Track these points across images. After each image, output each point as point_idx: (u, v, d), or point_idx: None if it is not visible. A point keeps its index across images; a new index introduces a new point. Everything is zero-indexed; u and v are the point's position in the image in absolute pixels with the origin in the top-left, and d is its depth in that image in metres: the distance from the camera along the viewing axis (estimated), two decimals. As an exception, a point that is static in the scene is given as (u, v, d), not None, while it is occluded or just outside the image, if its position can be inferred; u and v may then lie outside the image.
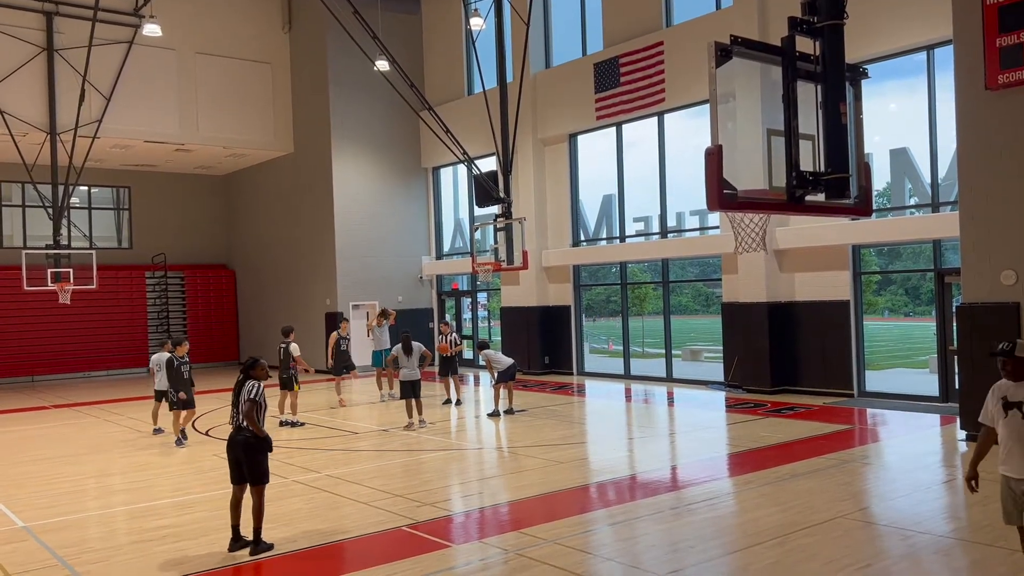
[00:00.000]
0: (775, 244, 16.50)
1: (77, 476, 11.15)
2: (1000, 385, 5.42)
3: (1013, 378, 5.30)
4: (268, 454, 7.50)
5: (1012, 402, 5.28)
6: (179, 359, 13.20)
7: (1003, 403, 5.33)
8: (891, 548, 7.00)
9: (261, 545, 7.31)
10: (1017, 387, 5.29)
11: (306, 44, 25.04)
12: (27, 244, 25.04)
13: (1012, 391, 5.30)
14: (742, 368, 17.14)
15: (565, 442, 12.42)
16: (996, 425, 5.38)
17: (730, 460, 11.01)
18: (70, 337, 26.02)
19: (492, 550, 7.23)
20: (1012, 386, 5.31)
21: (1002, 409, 5.33)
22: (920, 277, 19.93)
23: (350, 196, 24.34)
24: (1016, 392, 5.29)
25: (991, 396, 5.43)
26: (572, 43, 21.82)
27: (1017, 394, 5.28)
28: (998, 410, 5.35)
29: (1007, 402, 5.31)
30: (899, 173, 15.47)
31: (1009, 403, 5.30)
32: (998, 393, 5.39)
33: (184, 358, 13.28)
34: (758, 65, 5.21)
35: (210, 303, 29.15)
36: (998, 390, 5.41)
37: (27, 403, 19.95)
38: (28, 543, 7.90)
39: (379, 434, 13.66)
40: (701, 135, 17.08)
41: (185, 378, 13.09)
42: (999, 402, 5.35)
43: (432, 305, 26.13)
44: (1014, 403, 5.28)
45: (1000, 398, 5.35)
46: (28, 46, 21.66)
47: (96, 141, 22.36)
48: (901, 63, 15.32)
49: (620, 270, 20.99)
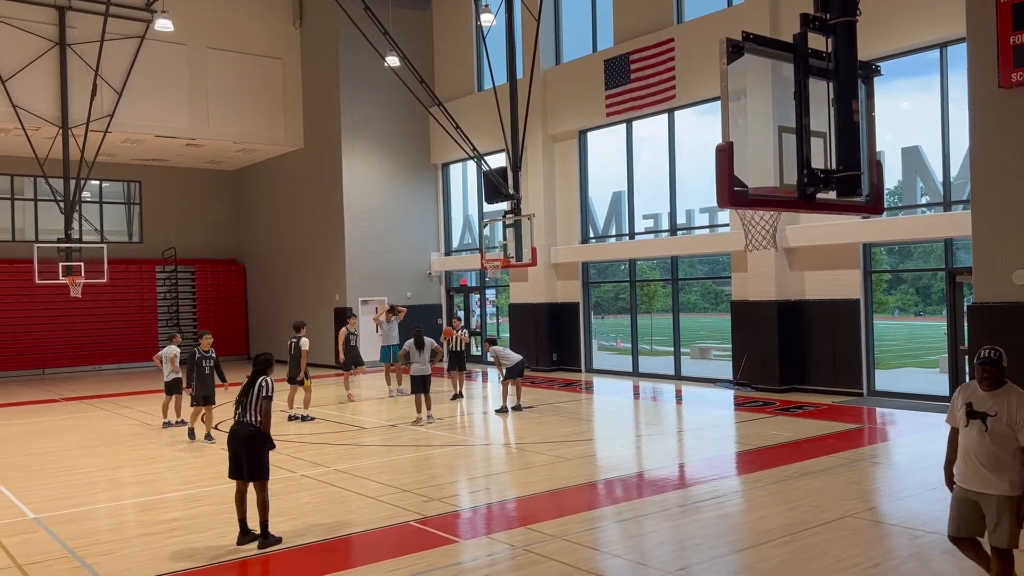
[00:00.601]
0: (785, 242, 16.44)
1: (87, 468, 11.22)
2: (968, 388, 5.22)
3: (989, 387, 5.06)
4: (269, 450, 7.50)
5: (977, 411, 5.05)
6: (202, 353, 13.06)
7: (967, 409, 5.11)
8: (900, 548, 6.98)
9: (269, 539, 7.34)
10: (987, 397, 5.06)
11: (317, 40, 25.07)
12: (39, 238, 25.16)
13: (980, 400, 5.07)
14: (751, 366, 17.10)
15: (573, 439, 12.42)
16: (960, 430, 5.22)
17: (738, 458, 10.99)
18: (81, 330, 26.16)
19: (499, 546, 7.24)
20: (981, 395, 5.08)
21: (965, 416, 5.12)
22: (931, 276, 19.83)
23: (360, 191, 24.37)
24: (984, 402, 5.05)
25: (958, 397, 5.25)
26: (583, 39, 21.78)
27: (983, 404, 5.05)
28: (961, 417, 5.16)
29: (972, 410, 5.08)
30: (911, 171, 15.39)
31: (974, 412, 5.07)
32: (964, 396, 5.20)
33: (208, 352, 13.10)
34: (770, 62, 5.19)
35: (220, 297, 29.26)
36: (964, 393, 5.21)
37: (38, 396, 20.07)
38: (39, 534, 7.95)
39: (387, 429, 13.68)
40: (712, 132, 17.03)
41: (207, 373, 12.93)
42: (963, 407, 5.15)
43: (441, 301, 26.16)
44: (979, 413, 5.05)
45: (965, 403, 5.14)
46: (41, 40, 21.76)
47: (107, 135, 22.47)
48: (914, 61, 15.23)
49: (629, 267, 20.96)
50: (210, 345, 13.23)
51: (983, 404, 5.04)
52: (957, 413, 5.21)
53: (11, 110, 21.25)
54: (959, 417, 5.18)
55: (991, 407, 5.00)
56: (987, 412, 5.00)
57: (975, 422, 5.04)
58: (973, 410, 5.06)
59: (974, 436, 5.04)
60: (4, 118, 21.33)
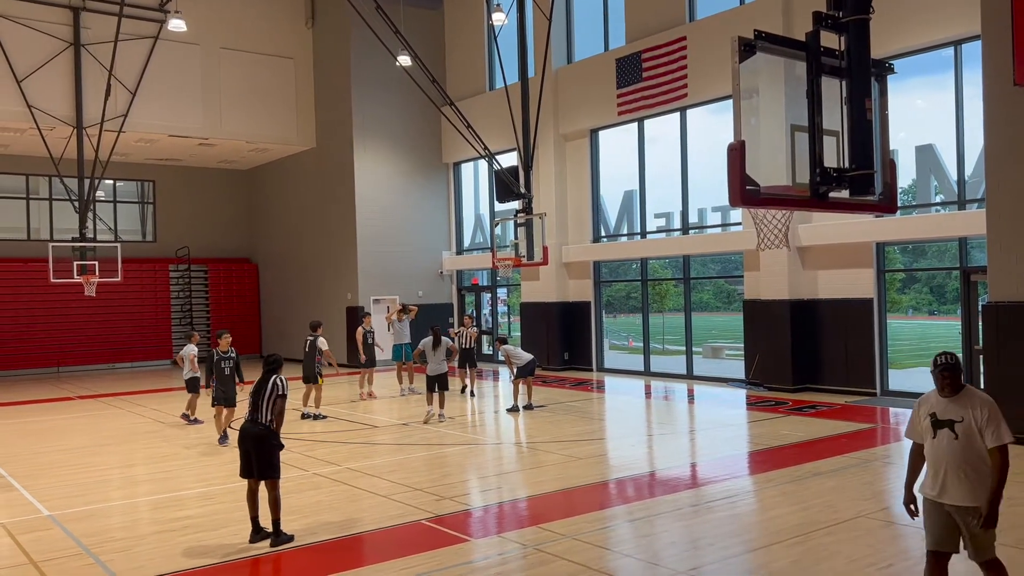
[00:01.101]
0: (798, 241, 16.37)
1: (101, 466, 11.30)
2: (928, 399, 5.01)
3: (950, 393, 4.87)
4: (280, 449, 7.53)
5: (942, 420, 4.86)
6: (220, 354, 12.89)
7: (932, 420, 4.90)
8: (913, 548, 6.93)
9: (281, 537, 7.37)
10: (948, 404, 4.88)
11: (329, 39, 25.14)
12: (54, 237, 25.36)
13: (942, 408, 4.89)
14: (763, 366, 17.03)
15: (584, 438, 12.41)
16: (924, 442, 5.00)
17: (751, 458, 10.95)
18: (95, 329, 26.34)
19: (511, 545, 7.24)
20: (943, 403, 4.90)
21: (931, 427, 4.91)
22: (945, 275, 19.68)
23: (371, 191, 24.43)
24: (947, 410, 4.87)
25: (918, 410, 5.04)
26: (594, 38, 21.76)
27: (948, 412, 4.87)
28: (927, 428, 4.94)
29: (937, 420, 4.88)
30: (925, 170, 15.29)
31: (939, 421, 4.87)
32: (926, 408, 4.99)
33: (228, 352, 12.92)
34: (782, 60, 5.16)
35: (232, 296, 29.40)
36: (926, 404, 5.00)
37: (53, 394, 20.22)
38: (53, 531, 8.02)
39: (399, 428, 13.71)
40: (724, 131, 16.97)
41: (227, 375, 12.81)
42: (927, 418, 4.93)
43: (452, 300, 26.19)
44: (944, 421, 4.86)
45: (928, 414, 4.94)
46: (55, 41, 21.91)
47: (121, 135, 22.60)
48: (928, 59, 15.13)
49: (641, 266, 20.92)
50: (229, 345, 13.05)
51: (947, 411, 4.87)
52: (920, 426, 5.01)
53: (26, 110, 21.41)
54: (923, 430, 4.97)
55: (956, 413, 4.84)
56: (953, 419, 4.83)
57: (943, 431, 4.86)
58: (938, 419, 4.88)
59: (945, 446, 4.85)
60: (19, 118, 21.50)
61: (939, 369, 4.87)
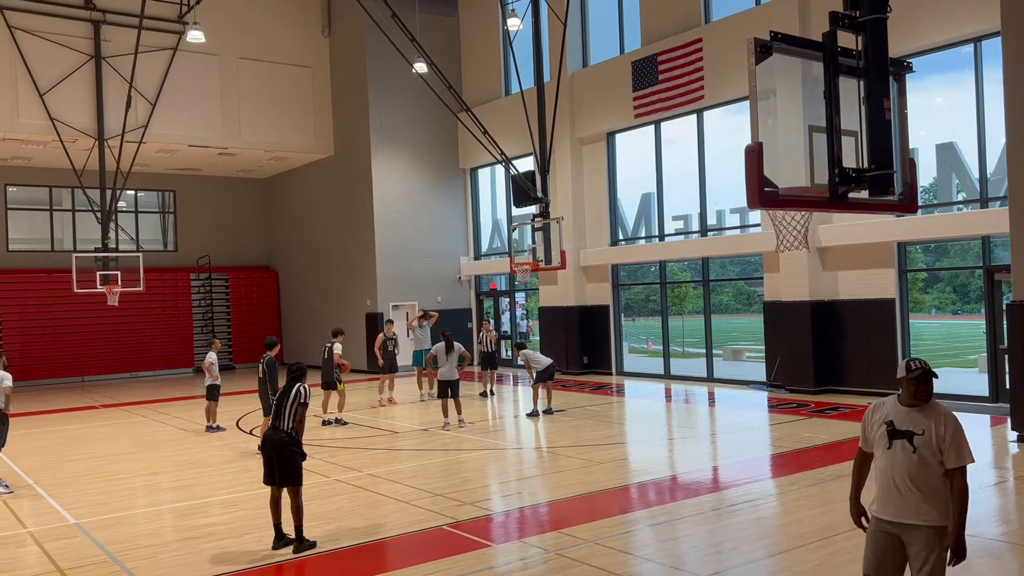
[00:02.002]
0: (818, 242, 16.26)
1: (126, 474, 11.41)
2: (884, 406, 4.59)
3: (923, 402, 4.47)
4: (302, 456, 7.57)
5: (900, 430, 4.44)
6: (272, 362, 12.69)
7: (888, 429, 4.47)
8: (939, 551, 6.86)
9: (304, 543, 7.41)
10: (909, 414, 4.47)
11: (345, 48, 25.30)
12: (77, 248, 25.67)
13: (902, 417, 4.47)
14: (785, 368, 16.92)
15: (604, 442, 12.38)
16: (875, 453, 4.59)
17: (773, 461, 10.88)
18: (118, 338, 26.61)
19: (532, 550, 7.24)
20: (903, 412, 4.48)
21: (886, 436, 4.48)
22: (968, 274, 19.48)
23: (389, 197, 24.54)
24: (907, 420, 4.46)
25: (872, 418, 4.61)
26: (610, 42, 21.75)
27: (908, 422, 4.45)
28: (881, 437, 4.51)
29: (894, 429, 4.46)
30: (946, 168, 15.15)
31: (897, 431, 4.45)
32: (881, 415, 4.56)
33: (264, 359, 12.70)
34: (799, 61, 5.14)
35: (253, 304, 29.60)
36: (881, 411, 4.58)
37: (78, 403, 20.45)
38: (80, 539, 8.10)
39: (419, 433, 13.75)
40: (741, 132, 16.91)
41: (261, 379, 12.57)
42: (882, 426, 4.51)
43: (471, 305, 26.23)
44: (903, 432, 4.43)
45: (884, 421, 4.51)
46: (77, 54, 22.20)
47: (142, 146, 22.85)
48: (947, 56, 15.00)
49: (659, 269, 20.86)
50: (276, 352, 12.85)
51: (907, 422, 4.45)
52: (873, 435, 4.58)
53: (49, 123, 21.70)
54: (877, 439, 4.54)
55: (917, 425, 4.43)
56: (913, 431, 4.42)
57: (899, 442, 4.44)
58: (896, 429, 4.46)
59: (899, 458, 4.43)
60: (42, 131, 21.80)
61: (915, 376, 4.45)
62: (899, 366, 4.56)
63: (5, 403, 10.31)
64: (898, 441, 4.44)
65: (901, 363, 4.55)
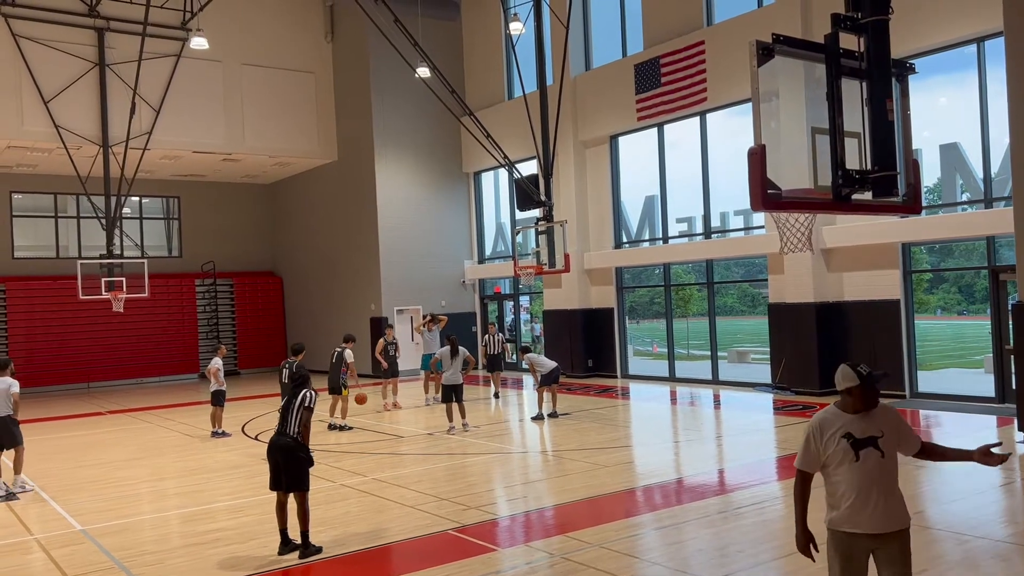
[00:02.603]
0: (822, 243, 16.24)
1: (132, 480, 11.42)
2: (831, 420, 4.34)
3: (869, 407, 4.32)
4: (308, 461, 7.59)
5: (863, 439, 4.25)
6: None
7: (851, 441, 4.25)
8: (947, 553, 6.84)
9: (310, 548, 7.41)
10: (861, 421, 4.30)
11: (348, 53, 25.36)
12: (82, 254, 25.73)
13: (858, 426, 4.28)
14: (790, 369, 16.90)
15: (610, 446, 12.37)
16: (830, 469, 4.33)
17: (779, 463, 10.86)
18: (123, 344, 26.68)
19: (538, 554, 7.23)
20: (854, 420, 4.30)
21: (850, 449, 4.25)
22: (974, 275, 19.43)
23: (393, 202, 24.57)
24: (864, 427, 4.29)
25: (821, 434, 4.32)
26: (612, 45, 21.77)
27: (866, 428, 4.28)
28: (844, 451, 4.26)
29: (857, 440, 4.25)
30: (950, 169, 15.13)
31: (861, 441, 4.25)
32: (834, 430, 4.30)
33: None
34: (801, 63, 5.14)
35: (258, 309, 29.65)
36: (832, 426, 4.32)
37: (83, 409, 20.49)
38: (86, 545, 8.12)
39: (424, 438, 13.75)
40: (744, 134, 16.91)
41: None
42: (841, 440, 4.27)
43: (475, 309, 26.23)
44: (866, 440, 4.26)
45: (842, 435, 4.28)
46: (81, 62, 22.29)
47: (146, 152, 22.93)
48: (951, 56, 14.98)
49: (663, 272, 20.85)
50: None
51: (866, 429, 4.29)
52: (829, 453, 4.30)
53: (54, 130, 21.78)
54: (836, 455, 4.29)
55: (875, 429, 4.30)
56: (875, 435, 4.28)
57: (867, 451, 4.25)
58: (859, 439, 4.26)
59: (872, 467, 4.25)
60: (47, 138, 21.88)
61: (869, 383, 4.28)
62: (842, 375, 4.35)
63: (15, 410, 10.63)
64: (865, 450, 4.26)
65: (845, 371, 4.35)
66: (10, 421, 10.67)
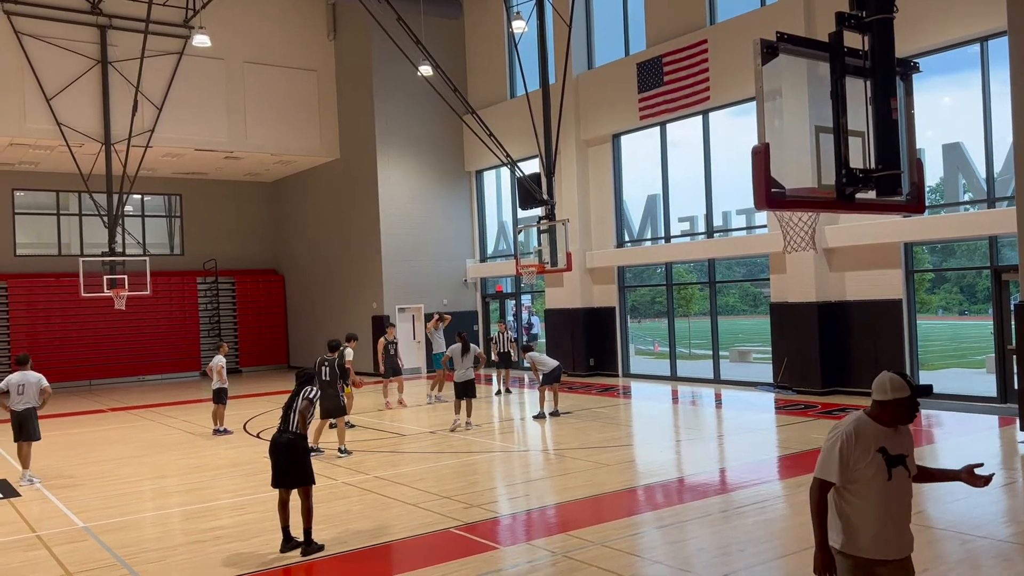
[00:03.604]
0: (825, 243, 16.23)
1: (134, 478, 11.43)
2: (866, 431, 3.93)
3: (903, 421, 3.97)
4: (311, 456, 7.63)
5: (895, 456, 3.90)
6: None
7: (885, 457, 3.88)
8: (949, 553, 6.84)
9: (312, 546, 7.41)
10: (893, 435, 3.95)
11: (351, 51, 25.35)
12: (84, 252, 25.73)
13: (890, 440, 3.92)
14: (791, 369, 16.89)
15: (611, 444, 12.37)
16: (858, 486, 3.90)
17: (780, 463, 10.86)
18: (125, 342, 26.69)
19: (540, 552, 7.23)
20: (887, 433, 3.93)
21: (884, 466, 3.87)
22: (976, 275, 19.40)
23: (395, 200, 24.57)
24: (897, 442, 3.94)
25: (854, 447, 3.89)
26: (615, 43, 21.75)
27: (899, 445, 3.94)
28: (877, 467, 3.87)
29: (890, 456, 3.89)
30: (952, 168, 15.11)
31: (893, 457, 3.89)
32: (868, 441, 3.89)
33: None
34: (805, 61, 5.13)
35: (260, 308, 29.66)
36: (865, 437, 3.90)
37: (85, 406, 20.51)
38: (88, 543, 8.12)
39: (426, 436, 13.75)
40: (747, 133, 16.90)
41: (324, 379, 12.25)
42: (876, 455, 3.88)
43: (477, 308, 26.23)
44: (897, 457, 3.90)
45: (878, 448, 3.88)
46: (83, 59, 22.29)
47: (148, 150, 22.92)
48: (954, 56, 14.96)
49: (665, 271, 20.83)
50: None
51: (898, 445, 3.95)
52: (860, 464, 3.88)
53: (56, 128, 21.78)
54: (869, 471, 3.88)
55: (904, 446, 3.99)
56: (904, 453, 3.96)
57: (898, 470, 3.92)
58: (891, 455, 3.90)
59: (902, 488, 3.93)
60: (49, 136, 21.88)
61: (912, 396, 3.91)
62: (891, 384, 3.91)
63: (43, 403, 11.28)
64: (897, 469, 3.91)
65: (895, 380, 3.91)
66: (35, 414, 11.12)
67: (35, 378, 11.18)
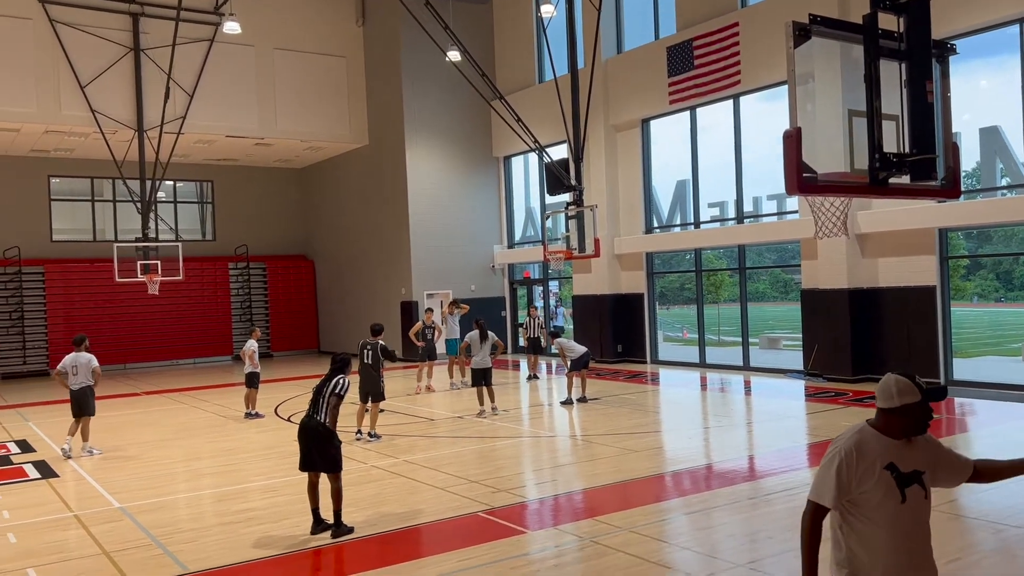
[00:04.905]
0: (857, 228, 16.01)
1: (168, 460, 11.64)
2: (870, 445, 3.28)
3: (915, 432, 3.33)
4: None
5: (908, 473, 3.27)
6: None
7: (895, 476, 3.25)
8: (982, 542, 6.76)
9: (342, 528, 7.51)
10: (905, 448, 3.32)
11: (379, 37, 25.38)
12: (118, 238, 26.14)
13: (900, 455, 3.29)
14: (822, 356, 16.72)
15: (639, 431, 12.35)
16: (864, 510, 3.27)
17: (810, 450, 10.78)
18: (159, 326, 27.09)
19: (567, 537, 7.26)
20: (897, 447, 3.30)
21: (895, 487, 3.24)
22: (1012, 261, 19.06)
23: (423, 186, 24.63)
24: (907, 458, 3.30)
25: (858, 461, 3.25)
26: (644, 27, 21.55)
27: (912, 460, 3.31)
28: (886, 488, 3.24)
29: (902, 474, 3.25)
30: (989, 152, 14.81)
31: (906, 475, 3.26)
32: (873, 457, 3.26)
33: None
34: (838, 44, 5.05)
35: (290, 293, 29.95)
36: (870, 454, 3.26)
37: (120, 390, 20.89)
38: (124, 523, 8.30)
39: (454, 421, 13.83)
40: (778, 117, 16.68)
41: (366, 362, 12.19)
42: (883, 472, 3.24)
43: (504, 294, 26.26)
44: (911, 475, 3.27)
45: (884, 466, 3.25)
46: (116, 47, 22.55)
47: (180, 137, 23.18)
48: (992, 38, 14.63)
49: (695, 257, 20.70)
50: None
51: (912, 460, 3.31)
52: (865, 485, 3.25)
53: (90, 115, 22.09)
54: (877, 491, 3.25)
55: (920, 461, 3.34)
56: (919, 469, 3.32)
57: (912, 489, 3.28)
58: (903, 473, 3.27)
59: (918, 512, 3.31)
60: (84, 123, 22.20)
61: (925, 400, 3.28)
62: (897, 387, 3.29)
63: (95, 381, 12.14)
64: (911, 488, 3.27)
65: (901, 383, 3.29)
66: (91, 391, 11.99)
67: (85, 359, 12.03)
